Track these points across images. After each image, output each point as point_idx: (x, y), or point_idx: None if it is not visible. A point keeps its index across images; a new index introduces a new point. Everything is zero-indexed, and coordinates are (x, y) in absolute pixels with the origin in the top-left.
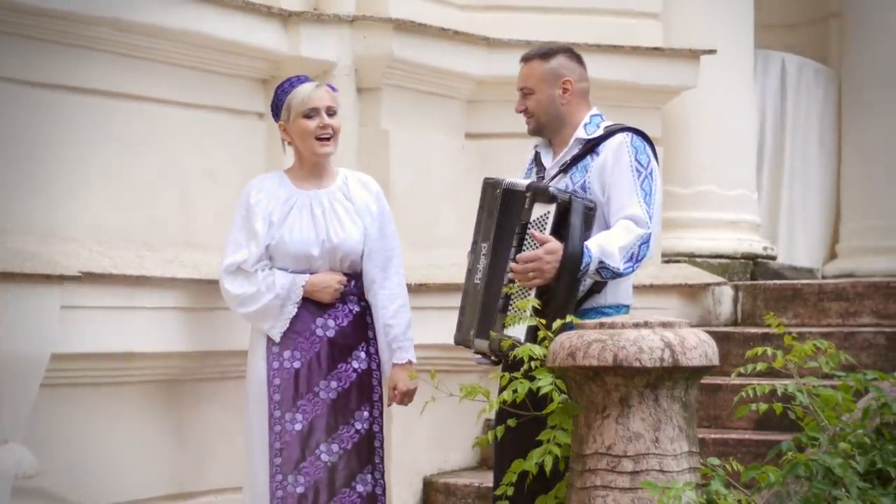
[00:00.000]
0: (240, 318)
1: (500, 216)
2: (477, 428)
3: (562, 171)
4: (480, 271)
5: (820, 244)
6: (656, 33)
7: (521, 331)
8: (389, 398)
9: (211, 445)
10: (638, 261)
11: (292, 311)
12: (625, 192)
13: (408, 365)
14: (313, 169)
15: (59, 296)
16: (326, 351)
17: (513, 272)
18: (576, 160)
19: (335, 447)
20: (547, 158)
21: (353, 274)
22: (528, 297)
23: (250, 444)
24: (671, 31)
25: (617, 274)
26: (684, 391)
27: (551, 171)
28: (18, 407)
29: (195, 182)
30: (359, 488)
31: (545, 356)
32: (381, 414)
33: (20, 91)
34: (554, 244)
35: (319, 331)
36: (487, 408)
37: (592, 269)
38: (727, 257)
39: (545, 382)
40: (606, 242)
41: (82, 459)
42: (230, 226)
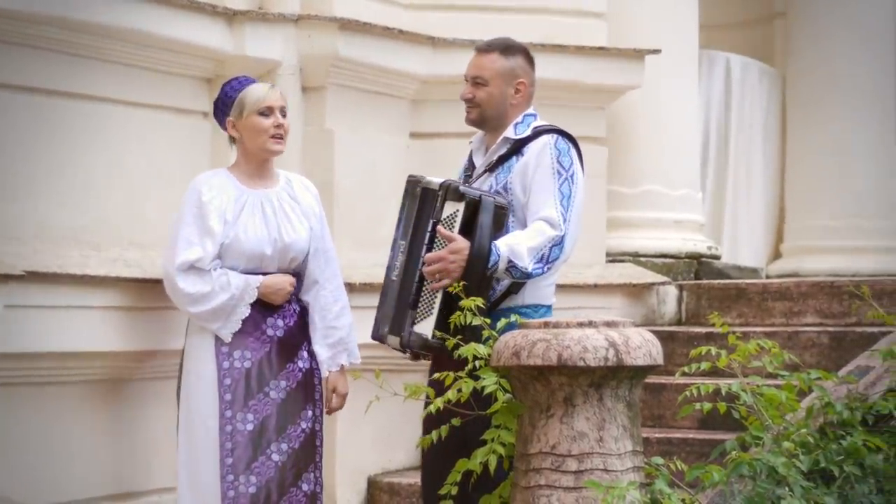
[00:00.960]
0: (183, 318)
1: (417, 214)
2: (421, 428)
3: (488, 171)
4: (397, 268)
5: (764, 244)
6: (601, 33)
7: (429, 328)
8: (331, 402)
9: (155, 445)
10: (548, 262)
11: (245, 313)
12: (543, 194)
13: (347, 368)
14: (259, 168)
15: (4, 295)
16: (277, 350)
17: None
18: (502, 160)
19: (285, 446)
20: (478, 157)
21: (297, 274)
22: (436, 296)
23: (193, 444)
24: (616, 31)
25: (527, 275)
26: (629, 390)
27: (479, 171)
28: None
29: (141, 181)
30: (304, 487)
31: (488, 356)
32: (322, 413)
33: None
34: (459, 243)
35: (270, 331)
36: (433, 407)
37: (502, 269)
38: (672, 257)
39: (490, 382)
40: (516, 243)
41: (26, 459)
42: (176, 223)
